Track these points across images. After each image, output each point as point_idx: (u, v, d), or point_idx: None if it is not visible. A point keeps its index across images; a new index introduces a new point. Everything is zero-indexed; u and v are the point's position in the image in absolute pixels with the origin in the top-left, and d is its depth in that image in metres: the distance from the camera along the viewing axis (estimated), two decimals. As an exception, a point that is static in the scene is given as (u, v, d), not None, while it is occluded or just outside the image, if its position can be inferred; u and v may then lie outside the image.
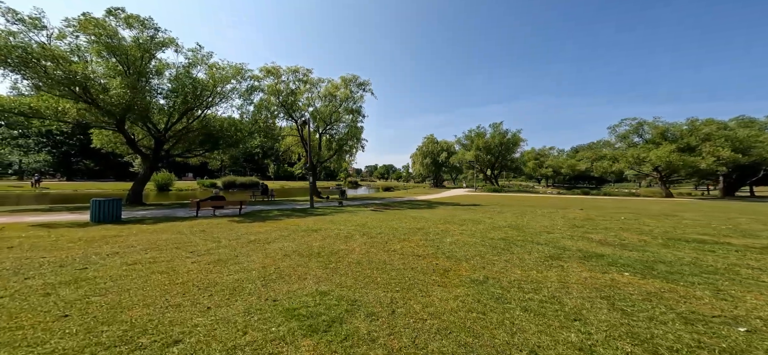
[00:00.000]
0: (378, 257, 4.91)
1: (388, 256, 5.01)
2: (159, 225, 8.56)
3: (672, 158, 28.92)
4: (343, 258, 4.83)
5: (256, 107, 19.95)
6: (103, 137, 18.11)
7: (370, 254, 5.15)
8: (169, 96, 16.28)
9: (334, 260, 4.73)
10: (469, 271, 4.16)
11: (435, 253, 5.20)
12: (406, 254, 5.16)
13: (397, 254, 5.10)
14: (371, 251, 5.38)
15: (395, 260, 4.73)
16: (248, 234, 7.06)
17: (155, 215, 11.36)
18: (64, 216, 10.69)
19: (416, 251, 5.35)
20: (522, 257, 5.01)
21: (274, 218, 10.36)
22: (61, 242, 5.96)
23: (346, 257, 4.88)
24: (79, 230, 7.61)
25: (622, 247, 5.88)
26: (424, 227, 8.38)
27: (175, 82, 15.95)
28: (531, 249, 5.55)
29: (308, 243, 6.00)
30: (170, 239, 6.46)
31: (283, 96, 20.70)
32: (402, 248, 5.56)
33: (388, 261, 4.68)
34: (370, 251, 5.32)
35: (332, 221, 9.68)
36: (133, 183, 16.56)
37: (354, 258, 4.84)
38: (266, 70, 19.73)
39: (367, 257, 4.95)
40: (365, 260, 4.72)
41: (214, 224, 8.73)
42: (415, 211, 13.45)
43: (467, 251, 5.33)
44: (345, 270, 4.15)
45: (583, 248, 5.74)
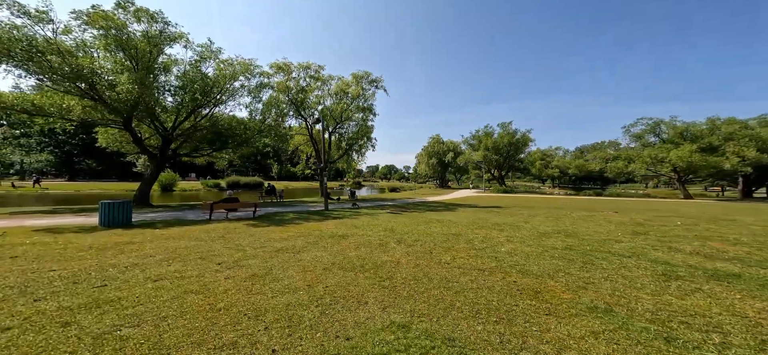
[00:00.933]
0: (434, 272, 4.29)
1: (446, 270, 4.39)
2: (172, 230, 8.00)
3: (694, 159, 28.09)
4: (393, 273, 4.23)
5: (265, 105, 19.44)
6: (109, 136, 17.64)
7: (422, 267, 4.54)
8: (177, 93, 15.76)
9: (385, 275, 4.12)
10: (568, 293, 3.50)
11: (500, 266, 4.57)
12: (465, 267, 4.54)
13: (454, 268, 4.49)
14: (420, 262, 4.76)
15: (459, 276, 4.11)
16: (271, 241, 6.48)
17: (165, 218, 10.82)
18: (70, 219, 10.17)
19: (475, 264, 4.73)
20: (622, 273, 4.28)
21: (292, 222, 9.79)
22: (70, 251, 5.41)
23: (396, 272, 4.28)
24: (88, 235, 7.06)
25: (740, 262, 5.00)
26: (460, 232, 7.76)
27: (183, 79, 15.43)
28: (621, 263, 4.82)
29: (343, 253, 5.40)
30: (190, 247, 5.89)
31: (293, 93, 20.16)
32: (454, 260, 4.95)
33: (451, 277, 4.06)
34: (419, 263, 4.70)
35: (355, 225, 9.08)
36: (139, 183, 16.06)
37: (407, 273, 4.23)
38: (277, 67, 19.20)
39: (422, 271, 4.34)
40: (422, 276, 4.11)
41: (231, 229, 8.16)
42: (435, 213, 12.83)
43: (539, 265, 4.68)
44: (406, 290, 3.54)
45: (692, 262, 4.90)
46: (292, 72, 19.65)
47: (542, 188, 67.66)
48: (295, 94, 20.10)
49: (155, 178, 16.66)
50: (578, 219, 10.70)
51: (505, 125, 52.90)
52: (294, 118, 21.55)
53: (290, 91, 20.10)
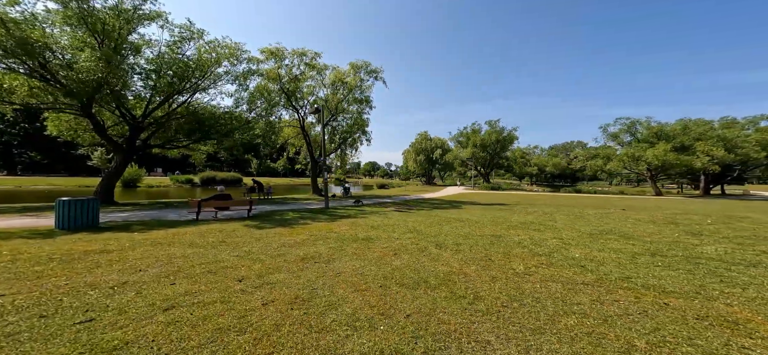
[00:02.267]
0: (524, 287, 3.57)
1: (534, 284, 3.66)
2: (156, 233, 6.66)
3: (668, 157, 30.10)
4: (474, 291, 3.45)
5: (251, 94, 17.75)
6: (62, 124, 15.16)
7: (501, 280, 3.80)
8: (150, 76, 13.79)
9: (467, 294, 3.34)
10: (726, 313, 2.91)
11: (604, 278, 3.87)
12: (556, 279, 3.84)
13: (546, 282, 3.76)
14: (493, 274, 4.01)
15: (565, 294, 3.37)
16: (286, 247, 5.48)
17: (141, 218, 9.26)
18: (14, 221, 8.34)
19: (563, 275, 4.05)
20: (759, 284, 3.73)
21: (297, 223, 8.72)
22: (23, 264, 4.08)
23: (476, 289, 3.50)
24: (44, 242, 5.60)
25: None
26: (497, 233, 7.14)
27: (157, 62, 13.50)
28: (731, 272, 4.24)
29: (385, 262, 4.56)
30: (188, 256, 4.74)
31: (285, 82, 18.65)
32: (530, 269, 4.23)
33: (556, 295, 3.32)
34: (493, 276, 3.93)
35: (372, 225, 8.22)
36: (101, 178, 13.93)
37: (490, 290, 3.48)
38: (269, 52, 17.55)
39: (504, 286, 3.59)
40: (515, 293, 3.36)
41: (229, 232, 6.98)
42: (445, 211, 12.26)
43: (657, 276, 3.95)
44: (520, 318, 2.76)
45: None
46: (285, 58, 18.10)
47: (521, 185, 70.40)
48: (286, 82, 18.59)
49: (121, 171, 14.57)
50: (603, 217, 10.63)
51: (493, 123, 53.97)
52: (284, 109, 20.00)
53: (281, 80, 18.57)
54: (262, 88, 17.56)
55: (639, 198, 27.82)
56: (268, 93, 17.55)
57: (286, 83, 18.85)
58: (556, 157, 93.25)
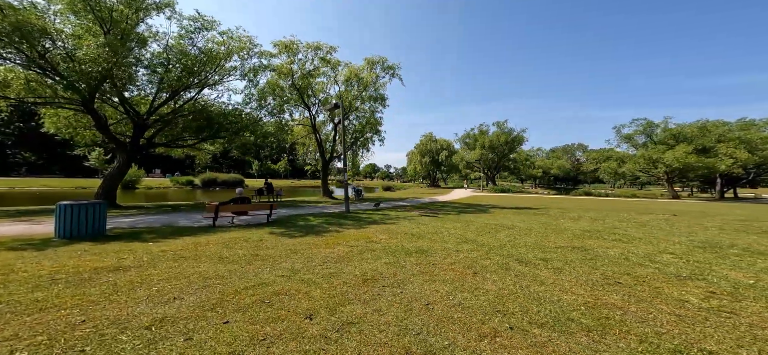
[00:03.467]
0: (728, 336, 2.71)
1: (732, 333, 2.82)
2: (173, 243, 5.77)
3: (689, 160, 29.34)
4: (644, 337, 2.59)
5: (260, 91, 16.89)
6: (60, 121, 14.25)
7: (706, 323, 2.93)
8: (156, 70, 12.92)
9: (640, 344, 2.47)
10: None
11: None
12: (744, 313, 2.99)
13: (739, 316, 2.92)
14: (684, 313, 3.03)
15: None
16: (332, 262, 4.61)
17: (150, 224, 8.36)
18: (6, 227, 7.44)
19: (738, 308, 3.20)
20: None
21: (325, 230, 7.83)
22: (18, 289, 3.18)
23: (645, 333, 2.64)
24: (42, 255, 4.70)
25: None
26: (580, 245, 6.09)
27: (165, 55, 12.64)
28: None
29: (473, 285, 3.67)
30: (224, 276, 3.86)
31: (297, 78, 17.81)
32: (708, 302, 3.30)
33: None
34: (685, 315, 2.97)
35: (413, 234, 7.34)
36: (102, 179, 13.01)
37: (668, 334, 2.62)
38: (283, 45, 16.68)
39: (681, 329, 2.73)
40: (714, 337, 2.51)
41: (255, 241, 6.11)
42: (478, 216, 11.37)
43: None
44: None
45: None
46: (299, 53, 17.24)
47: (525, 187, 69.73)
48: (299, 78, 17.74)
49: (124, 172, 13.66)
50: (662, 222, 9.80)
51: (501, 124, 53.29)
52: (294, 107, 19.12)
53: (293, 75, 17.74)
54: (274, 84, 16.71)
55: (662, 201, 26.99)
56: (281, 89, 16.69)
57: (298, 79, 18.01)
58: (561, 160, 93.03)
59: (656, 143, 36.92)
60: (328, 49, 17.20)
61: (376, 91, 20.47)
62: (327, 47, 17.14)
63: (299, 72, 18.18)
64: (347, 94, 18.74)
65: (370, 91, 20.22)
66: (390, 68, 19.09)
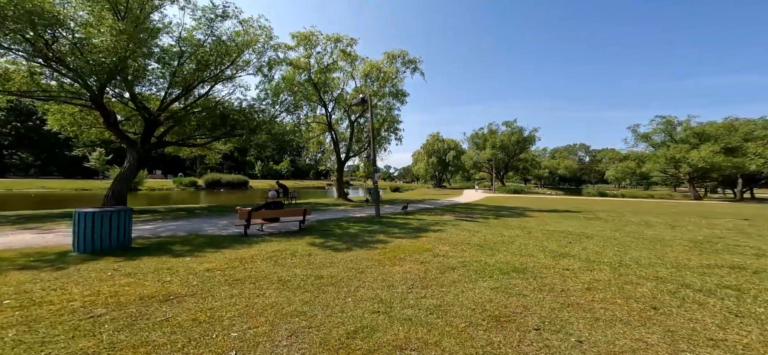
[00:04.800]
0: None
1: None
2: (213, 258, 4.94)
3: (717, 160, 28.52)
4: None
5: (274, 87, 16.06)
6: (65, 118, 13.42)
7: None
8: (169, 63, 12.09)
9: None
10: None
11: None
12: None
13: None
14: None
15: None
16: (421, 286, 3.79)
17: (173, 232, 7.54)
18: (11, 236, 6.61)
19: None
20: None
21: (370, 239, 7.00)
22: (48, 329, 2.35)
23: None
24: (64, 276, 3.86)
25: None
26: (729, 263, 5.37)
27: (177, 46, 11.82)
28: None
29: (710, 335, 2.84)
30: (305, 311, 3.03)
31: (314, 72, 17.00)
32: None
33: None
34: None
35: (480, 245, 6.51)
36: (112, 181, 12.17)
37: None
38: (302, 37, 15.83)
39: None
40: None
41: (303, 255, 5.31)
42: (526, 220, 10.53)
43: None
44: None
45: None
46: (317, 45, 16.41)
47: (530, 188, 68.82)
48: (316, 73, 16.93)
49: (136, 173, 12.84)
50: (725, 230, 8.97)
51: (510, 123, 52.54)
52: (308, 104, 18.27)
53: (310, 70, 16.92)
54: (291, 79, 15.89)
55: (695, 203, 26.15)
56: (299, 85, 15.88)
57: (315, 74, 17.19)
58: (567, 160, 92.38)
59: (677, 142, 36.10)
60: (349, 41, 16.36)
61: (394, 87, 19.65)
62: (347, 39, 16.32)
63: (316, 66, 17.35)
64: (366, 89, 17.93)
65: (388, 87, 19.40)
66: (411, 62, 18.26)
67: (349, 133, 20.81)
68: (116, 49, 8.55)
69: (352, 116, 20.23)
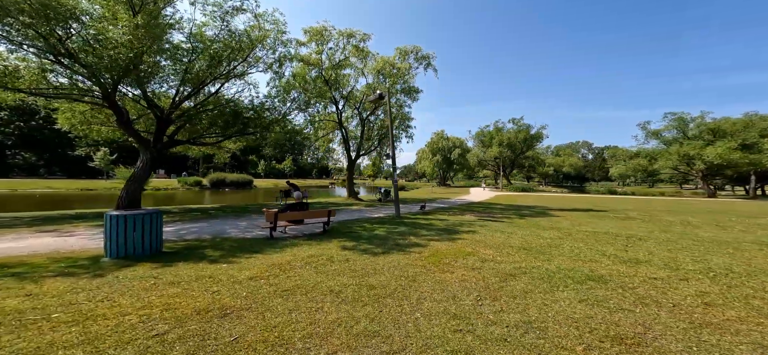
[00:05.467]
0: None
1: None
2: (249, 264, 4.73)
3: (734, 157, 28.09)
4: None
5: (285, 85, 15.80)
6: (75, 116, 13.23)
7: None
8: (181, 60, 11.87)
9: None
10: None
11: None
12: None
13: None
14: None
15: None
16: (490, 300, 3.57)
17: (197, 235, 7.34)
18: (33, 240, 6.43)
19: None
20: None
21: (406, 243, 6.78)
22: (116, 351, 2.13)
23: None
24: (105, 284, 3.66)
25: None
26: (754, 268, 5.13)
27: (189, 43, 11.59)
28: None
29: None
30: (374, 328, 2.81)
31: (325, 68, 16.74)
32: None
33: None
34: None
35: (525, 248, 6.27)
36: (127, 182, 11.99)
37: None
38: (314, 32, 15.55)
39: None
40: None
41: (341, 260, 5.10)
42: (552, 220, 10.29)
43: None
44: None
45: None
46: (329, 41, 16.11)
47: (535, 186, 68.38)
48: (327, 69, 16.67)
49: (149, 173, 12.67)
50: None
51: (517, 121, 52.11)
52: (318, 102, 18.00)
53: (322, 66, 16.66)
54: (303, 76, 15.63)
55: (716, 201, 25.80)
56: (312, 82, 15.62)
57: (326, 70, 16.93)
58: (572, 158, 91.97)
59: (690, 139, 35.62)
60: (362, 36, 16.06)
61: (405, 84, 19.35)
62: (360, 34, 16.02)
63: (327, 62, 17.09)
64: (380, 86, 17.64)
65: (400, 84, 19.12)
66: (424, 58, 17.95)
67: (359, 132, 20.58)
68: (132, 45, 8.33)
69: (362, 114, 19.97)
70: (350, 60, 17.58)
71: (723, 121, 33.01)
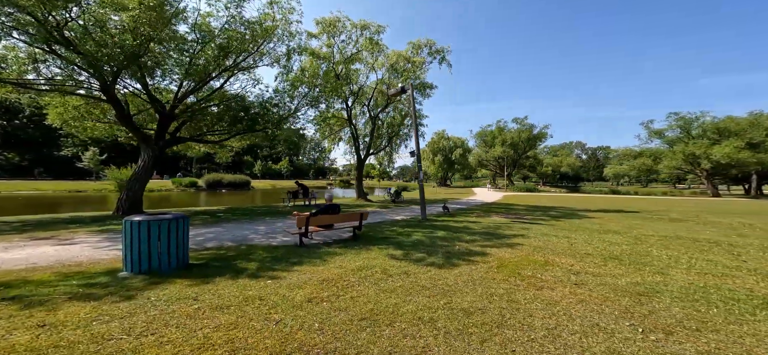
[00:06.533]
0: None
1: None
2: (295, 279, 4.07)
3: (742, 156, 28.25)
4: None
5: (295, 79, 15.06)
6: (68, 112, 12.26)
7: None
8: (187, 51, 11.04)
9: None
10: None
11: None
12: None
13: None
14: None
15: None
16: (634, 327, 2.99)
17: (217, 242, 6.62)
18: (31, 249, 5.62)
19: None
20: None
21: (457, 249, 6.18)
22: None
23: None
24: (138, 308, 2.95)
25: None
26: None
27: (193, 32, 10.78)
28: None
29: None
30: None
31: (336, 62, 16.06)
32: None
33: None
34: None
35: (607, 256, 5.72)
36: (128, 182, 11.13)
37: None
38: (327, 23, 14.83)
39: None
40: None
41: (399, 275, 4.47)
42: (604, 223, 9.81)
43: None
44: None
45: None
46: (342, 33, 15.43)
47: (531, 185, 68.61)
48: (338, 63, 15.98)
49: (151, 173, 11.80)
50: None
51: (521, 120, 52.01)
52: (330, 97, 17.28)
53: (332, 60, 15.98)
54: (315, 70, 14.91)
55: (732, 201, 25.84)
56: (325, 75, 14.90)
57: (336, 64, 16.26)
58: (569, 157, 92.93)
59: (694, 138, 35.88)
60: (377, 28, 15.39)
61: (417, 79, 18.77)
62: (375, 26, 15.34)
63: (338, 56, 16.40)
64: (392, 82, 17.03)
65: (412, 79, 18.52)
66: (438, 52, 17.38)
67: (369, 130, 19.93)
68: (141, 28, 7.54)
69: (372, 112, 19.32)
70: (362, 54, 16.92)
71: (727, 120, 33.28)
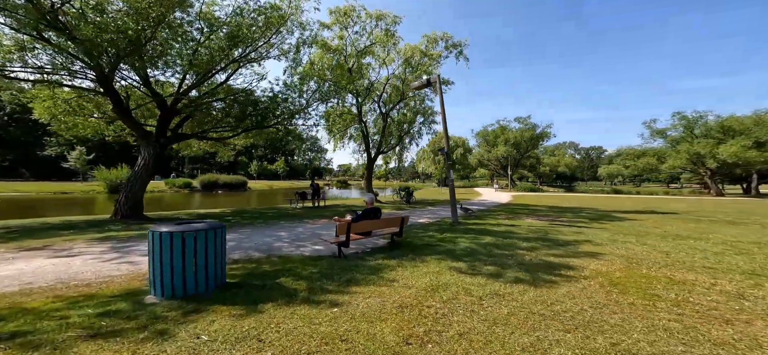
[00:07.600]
0: None
1: None
2: (366, 306, 3.33)
3: (749, 155, 28.41)
4: None
5: (304, 72, 14.25)
6: (57, 106, 11.19)
7: None
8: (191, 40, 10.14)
9: None
10: None
11: None
12: None
13: None
14: None
15: None
16: None
17: (244, 253, 5.82)
18: (24, 263, 4.75)
19: None
20: None
21: (530, 263, 5.49)
22: None
23: None
24: (180, 350, 2.18)
25: None
26: None
27: (198, 21, 9.90)
28: None
29: None
30: None
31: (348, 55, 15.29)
32: None
33: None
34: None
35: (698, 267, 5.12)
36: (127, 183, 10.17)
37: None
38: (340, 13, 14.02)
39: None
40: None
41: (492, 300, 3.79)
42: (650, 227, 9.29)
43: None
44: None
45: None
46: (356, 24, 14.64)
47: (530, 184, 68.71)
48: (350, 56, 15.22)
49: (152, 172, 10.85)
50: None
51: (524, 119, 51.89)
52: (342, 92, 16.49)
53: (344, 52, 15.21)
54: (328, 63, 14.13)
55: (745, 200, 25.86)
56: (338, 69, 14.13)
57: (348, 57, 15.50)
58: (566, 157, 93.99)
59: (697, 137, 36.14)
60: (393, 19, 14.63)
61: (429, 74, 18.13)
62: (391, 16, 14.56)
63: (350, 48, 15.63)
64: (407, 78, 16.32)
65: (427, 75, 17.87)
66: (455, 46, 16.72)
67: (379, 127, 19.20)
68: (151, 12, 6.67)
69: (383, 108, 18.60)
70: (374, 48, 16.18)
71: (731, 119, 33.57)
